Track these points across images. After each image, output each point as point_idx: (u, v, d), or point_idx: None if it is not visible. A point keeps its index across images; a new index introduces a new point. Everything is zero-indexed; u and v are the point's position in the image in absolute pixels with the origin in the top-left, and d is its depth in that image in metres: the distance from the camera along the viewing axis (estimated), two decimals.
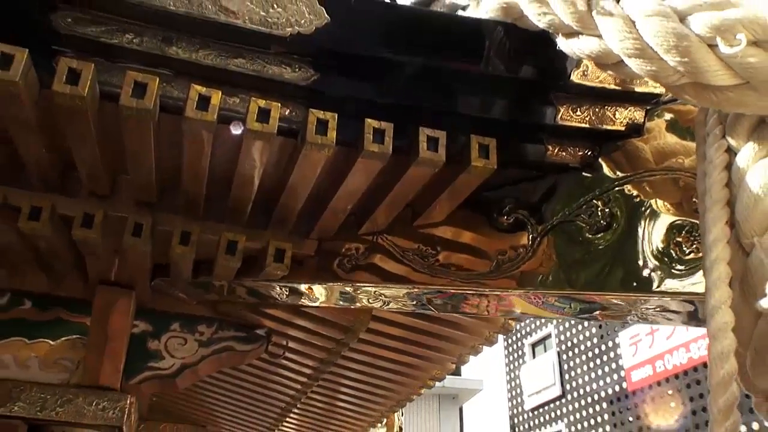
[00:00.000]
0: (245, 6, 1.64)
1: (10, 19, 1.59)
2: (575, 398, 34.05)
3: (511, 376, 38.19)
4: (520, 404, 39.17)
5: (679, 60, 1.36)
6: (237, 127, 1.67)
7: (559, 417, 35.53)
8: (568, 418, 34.66)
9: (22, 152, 1.84)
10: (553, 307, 2.08)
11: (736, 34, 1.33)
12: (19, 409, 2.19)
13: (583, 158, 1.93)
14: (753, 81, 1.33)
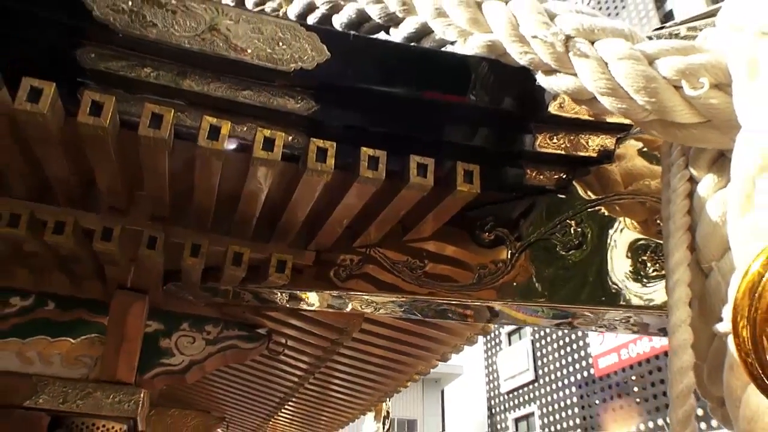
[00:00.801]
0: (253, 44, 1.64)
1: (39, 54, 1.59)
2: (547, 382, 34.11)
3: (489, 361, 38.25)
4: (496, 387, 39.20)
5: (648, 100, 1.36)
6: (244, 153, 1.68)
7: (532, 399, 35.64)
8: (540, 400, 34.77)
9: (48, 173, 1.85)
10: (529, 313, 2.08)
11: (699, 77, 1.33)
12: (44, 402, 2.19)
13: (558, 181, 1.93)
14: (714, 120, 1.33)
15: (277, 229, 2.09)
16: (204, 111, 1.66)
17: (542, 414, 35.10)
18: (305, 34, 1.69)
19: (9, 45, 1.57)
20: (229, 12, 1.66)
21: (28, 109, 1.46)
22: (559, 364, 32.05)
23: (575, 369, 30.80)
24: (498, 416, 39.80)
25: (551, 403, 34.44)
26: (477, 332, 3.23)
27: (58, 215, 2.00)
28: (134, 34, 1.57)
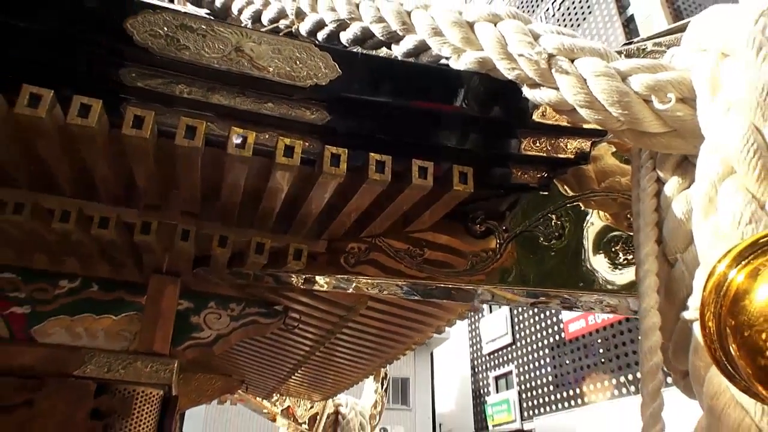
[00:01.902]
0: (274, 63, 1.64)
1: (87, 74, 1.59)
2: (523, 345, 34.18)
3: (472, 327, 38.33)
4: (479, 350, 39.25)
5: (621, 112, 1.37)
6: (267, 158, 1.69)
7: (510, 360, 35.72)
8: (517, 360, 34.86)
9: (95, 175, 1.85)
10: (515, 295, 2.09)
11: (667, 92, 1.34)
12: (91, 371, 2.21)
13: (541, 180, 1.93)
14: (679, 129, 1.33)
15: (294, 222, 2.10)
16: (231, 122, 1.67)
17: (519, 372, 35.21)
18: (319, 54, 1.69)
19: (61, 67, 1.57)
20: (252, 35, 1.66)
21: (79, 123, 1.46)
22: (533, 329, 32.23)
23: (548, 333, 30.93)
24: (480, 375, 39.88)
25: (527, 363, 34.53)
26: (467, 309, 3.24)
27: (103, 212, 2.01)
28: (169, 55, 1.58)
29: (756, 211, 1.07)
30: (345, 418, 6.68)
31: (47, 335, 2.29)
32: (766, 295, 0.79)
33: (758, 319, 0.79)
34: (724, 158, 1.16)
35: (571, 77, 1.46)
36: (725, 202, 1.12)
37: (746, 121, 1.13)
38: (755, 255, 0.86)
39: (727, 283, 0.87)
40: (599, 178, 2.00)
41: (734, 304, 0.84)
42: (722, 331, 0.85)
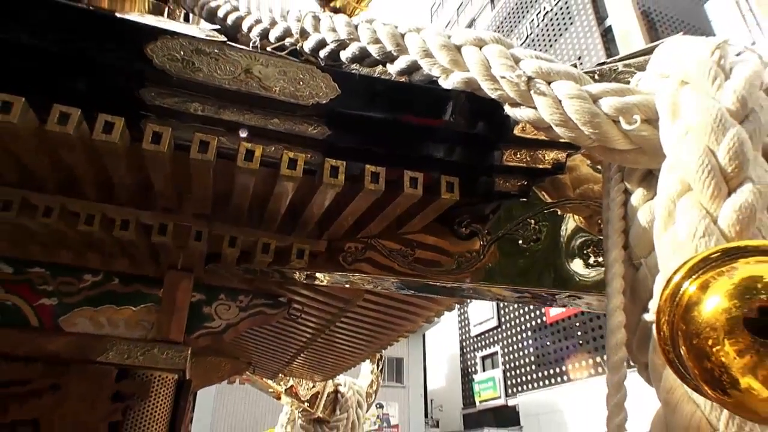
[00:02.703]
0: (279, 83, 1.66)
1: (111, 94, 1.62)
2: (508, 328, 34.24)
3: (461, 311, 38.39)
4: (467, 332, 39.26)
5: (592, 131, 1.39)
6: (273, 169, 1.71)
7: (495, 342, 35.77)
8: (502, 342, 34.89)
9: (115, 182, 1.87)
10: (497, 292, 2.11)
11: (633, 114, 1.36)
12: (112, 357, 2.23)
13: (520, 188, 1.95)
14: (644, 147, 1.35)
15: (297, 224, 2.11)
16: (240, 136, 1.69)
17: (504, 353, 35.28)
18: (320, 75, 1.71)
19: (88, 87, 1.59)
20: (260, 58, 1.68)
21: (104, 139, 1.49)
22: (517, 313, 32.38)
23: (530, 317, 31.07)
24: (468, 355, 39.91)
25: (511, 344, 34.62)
26: (455, 301, 3.26)
27: (124, 214, 2.04)
28: (185, 77, 1.59)
29: (709, 226, 1.09)
30: (344, 396, 6.71)
31: (73, 325, 2.31)
32: (713, 306, 0.82)
33: (705, 328, 0.81)
34: (682, 177, 1.18)
35: (547, 98, 1.48)
36: (682, 217, 1.15)
37: (702, 144, 1.16)
38: (706, 269, 0.88)
39: (681, 293, 0.89)
40: (574, 185, 2.02)
41: (686, 312, 0.86)
42: (675, 335, 0.88)
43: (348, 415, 6.68)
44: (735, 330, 0.78)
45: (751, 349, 0.76)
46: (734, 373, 0.78)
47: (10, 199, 1.90)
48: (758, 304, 0.77)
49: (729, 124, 1.15)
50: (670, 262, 1.14)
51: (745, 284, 0.80)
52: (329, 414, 6.64)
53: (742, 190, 1.09)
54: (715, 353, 0.80)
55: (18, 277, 2.31)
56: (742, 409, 0.79)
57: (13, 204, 1.91)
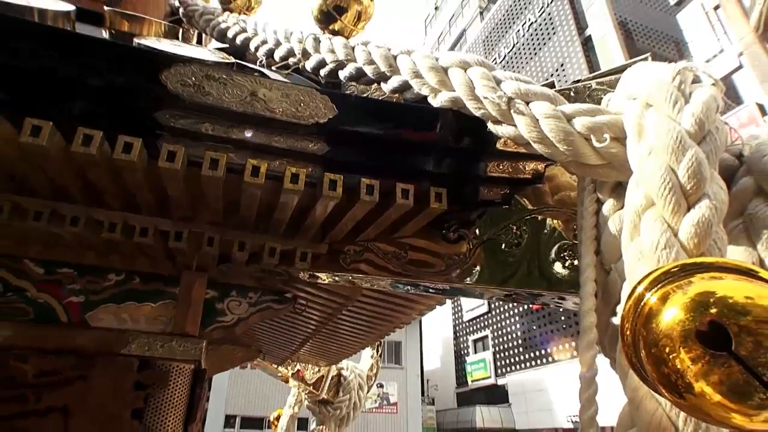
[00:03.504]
0: (282, 105, 1.67)
1: (130, 116, 1.63)
2: (497, 313, 34.30)
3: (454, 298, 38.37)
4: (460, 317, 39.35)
5: (566, 148, 1.40)
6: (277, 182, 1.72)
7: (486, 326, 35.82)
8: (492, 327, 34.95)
9: (136, 194, 1.88)
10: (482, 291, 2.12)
11: (603, 133, 1.37)
12: (134, 349, 2.25)
13: (503, 196, 1.96)
14: (613, 162, 1.37)
15: (301, 229, 2.12)
16: (247, 153, 1.70)
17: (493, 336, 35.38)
18: (320, 97, 1.72)
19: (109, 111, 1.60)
20: (264, 83, 1.69)
21: (123, 158, 1.50)
22: None
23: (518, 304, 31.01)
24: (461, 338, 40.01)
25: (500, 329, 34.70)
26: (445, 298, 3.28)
27: (143, 222, 2.05)
28: (196, 100, 1.60)
29: (670, 239, 1.10)
30: (346, 380, 6.74)
31: (98, 320, 2.32)
32: (670, 317, 0.83)
33: (663, 337, 0.83)
34: (646, 192, 1.19)
35: (526, 117, 1.49)
36: (646, 229, 1.16)
37: (664, 163, 1.17)
38: (666, 282, 0.89)
39: (643, 303, 0.90)
40: (553, 192, 2.03)
41: (647, 321, 0.87)
42: (636, 342, 0.89)
43: (350, 396, 6.71)
44: (688, 340, 0.79)
45: (703, 358, 0.78)
46: (688, 378, 0.79)
47: (41, 210, 1.92)
48: (709, 319, 0.78)
49: (688, 145, 1.16)
50: (635, 271, 1.16)
51: (699, 299, 0.81)
52: (333, 395, 6.67)
53: (699, 205, 1.11)
54: (671, 360, 0.81)
55: (49, 277, 2.32)
56: (696, 411, 0.81)
57: (44, 214, 1.92)
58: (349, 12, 2.74)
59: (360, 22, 2.76)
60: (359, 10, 2.75)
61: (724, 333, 0.77)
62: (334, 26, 2.73)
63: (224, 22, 3.32)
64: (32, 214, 1.92)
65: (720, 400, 0.77)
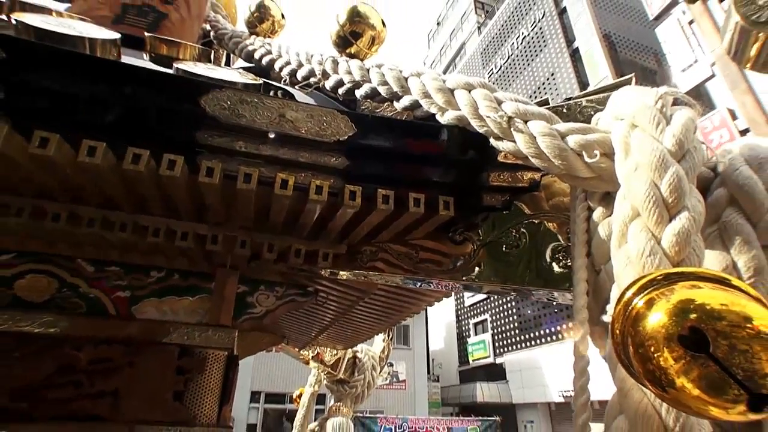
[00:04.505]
0: (307, 125, 1.69)
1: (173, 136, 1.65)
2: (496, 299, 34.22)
3: None
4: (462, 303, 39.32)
5: (561, 162, 1.41)
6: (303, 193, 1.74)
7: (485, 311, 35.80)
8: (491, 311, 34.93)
9: (177, 202, 1.91)
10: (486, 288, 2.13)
11: (593, 149, 1.38)
12: (174, 339, 2.29)
13: (504, 203, 1.97)
14: (603, 176, 1.38)
15: (323, 232, 2.14)
16: (276, 167, 1.73)
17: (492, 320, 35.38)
18: (340, 117, 1.74)
19: (155, 132, 1.63)
20: (291, 105, 1.71)
21: (168, 174, 1.54)
22: None
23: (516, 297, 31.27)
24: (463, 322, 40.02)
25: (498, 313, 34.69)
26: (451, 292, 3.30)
27: (183, 227, 2.08)
28: (231, 122, 1.63)
29: (654, 246, 1.12)
30: (361, 361, 6.77)
31: (143, 313, 2.36)
32: (655, 321, 0.85)
33: (649, 338, 0.85)
34: (632, 204, 1.21)
35: (524, 135, 1.51)
36: (632, 238, 1.18)
37: (648, 179, 1.19)
38: (652, 289, 0.91)
39: (631, 307, 0.92)
40: (548, 198, 2.05)
41: (634, 323, 0.89)
42: (625, 341, 0.91)
43: (365, 376, 6.74)
44: (671, 342, 0.81)
45: (684, 358, 0.80)
46: (671, 375, 0.81)
47: (94, 218, 1.95)
48: (689, 324, 0.80)
49: (669, 163, 1.18)
50: (623, 275, 1.18)
51: (680, 306, 0.83)
52: (349, 376, 6.71)
53: (680, 217, 1.12)
54: (656, 358, 0.83)
55: (98, 275, 2.36)
56: (677, 403, 0.83)
57: (96, 221, 1.96)
58: (364, 37, 2.75)
59: (374, 46, 2.78)
60: (373, 35, 2.76)
61: (702, 336, 0.79)
62: (350, 50, 2.75)
63: (251, 44, 3.35)
64: (86, 221, 1.96)
65: (699, 394, 0.79)
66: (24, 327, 2.05)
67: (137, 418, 2.10)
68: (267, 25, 3.78)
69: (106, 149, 1.50)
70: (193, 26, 3.60)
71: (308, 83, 2.59)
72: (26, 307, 2.15)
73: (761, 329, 0.78)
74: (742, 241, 1.23)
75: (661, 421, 1.02)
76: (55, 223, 1.91)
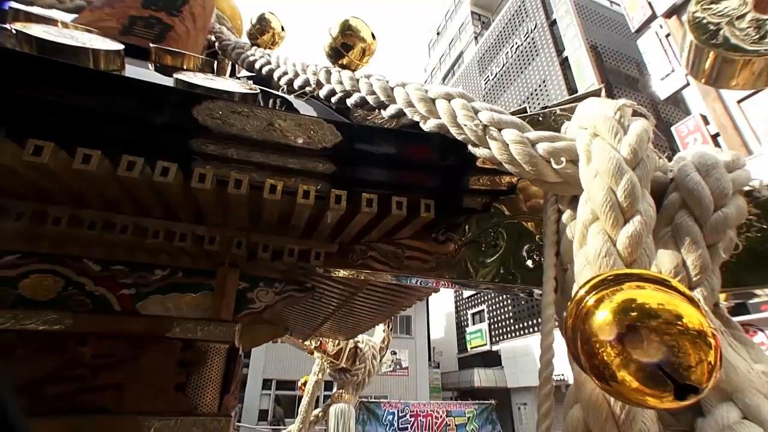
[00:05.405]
0: (295, 133, 1.70)
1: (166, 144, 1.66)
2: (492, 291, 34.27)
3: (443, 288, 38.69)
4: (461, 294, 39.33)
5: (531, 168, 1.42)
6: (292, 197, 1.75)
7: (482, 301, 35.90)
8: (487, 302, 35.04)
9: (175, 206, 1.92)
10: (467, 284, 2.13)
11: (561, 156, 1.39)
12: (178, 333, 2.28)
13: (483, 205, 1.98)
14: (569, 181, 1.39)
15: (315, 232, 2.14)
16: (266, 173, 1.73)
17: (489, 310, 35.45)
18: (326, 126, 1.74)
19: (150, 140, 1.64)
20: (280, 114, 1.72)
21: (161, 180, 1.54)
22: None
23: None
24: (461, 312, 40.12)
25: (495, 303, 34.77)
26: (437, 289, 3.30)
27: (182, 229, 2.09)
28: (222, 131, 1.63)
29: (610, 248, 1.13)
30: (362, 351, 6.80)
31: (147, 309, 2.36)
32: (601, 318, 0.86)
33: (594, 335, 0.86)
34: (592, 208, 1.22)
35: (498, 142, 1.51)
36: (591, 240, 1.18)
37: (606, 185, 1.19)
38: (602, 288, 0.92)
39: (583, 304, 0.93)
40: (526, 200, 2.04)
41: (584, 320, 0.90)
42: (575, 336, 0.92)
43: (365, 365, 6.77)
44: (612, 339, 0.83)
45: (622, 354, 0.81)
46: (613, 369, 0.82)
47: (96, 220, 1.96)
48: (627, 323, 0.82)
49: (625, 170, 1.18)
50: (582, 274, 1.18)
51: (623, 305, 0.84)
52: (351, 364, 6.74)
53: (633, 221, 1.13)
54: (600, 354, 0.84)
55: (104, 273, 2.35)
56: (620, 395, 0.84)
57: (98, 223, 1.96)
58: (355, 49, 2.76)
59: (365, 57, 2.78)
60: (363, 47, 2.77)
61: (639, 333, 0.81)
62: (342, 61, 2.76)
63: (252, 55, 3.36)
64: (87, 224, 1.96)
65: (638, 386, 0.81)
66: (28, 325, 2.06)
67: (140, 409, 2.10)
68: (268, 36, 3.80)
69: (102, 157, 1.51)
70: (198, 37, 3.61)
71: (304, 92, 2.60)
72: (31, 305, 2.15)
73: (689, 326, 0.81)
74: (691, 242, 1.24)
75: (610, 410, 1.05)
76: (56, 227, 1.92)
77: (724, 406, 1.10)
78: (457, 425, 28.24)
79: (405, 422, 27.05)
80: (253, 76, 3.54)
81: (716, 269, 1.26)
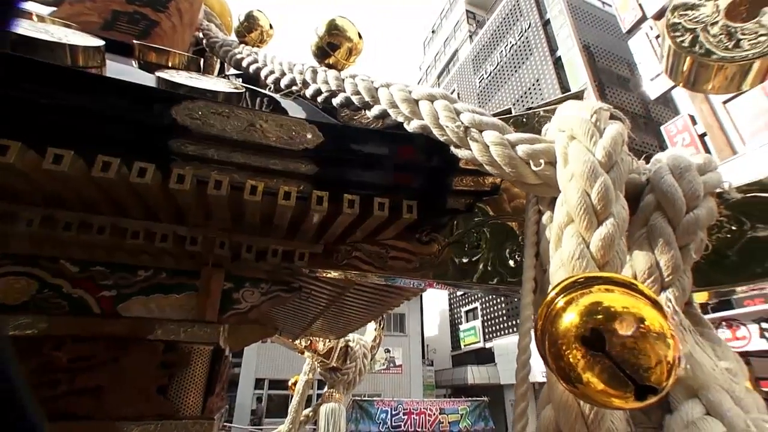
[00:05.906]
0: (276, 133, 1.71)
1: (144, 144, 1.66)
2: None
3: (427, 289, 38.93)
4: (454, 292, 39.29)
5: (510, 170, 1.43)
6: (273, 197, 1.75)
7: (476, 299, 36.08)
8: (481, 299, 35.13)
9: (155, 208, 1.92)
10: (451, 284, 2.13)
11: (539, 158, 1.40)
12: (160, 335, 2.27)
13: (467, 205, 1.99)
14: (548, 182, 1.40)
15: (299, 232, 2.14)
16: (247, 174, 1.74)
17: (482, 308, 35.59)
18: (308, 126, 1.75)
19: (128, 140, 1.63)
20: (261, 115, 1.72)
21: (138, 181, 1.54)
22: None
23: None
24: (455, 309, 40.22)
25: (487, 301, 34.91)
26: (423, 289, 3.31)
27: (163, 229, 2.09)
28: (202, 131, 1.64)
29: (583, 250, 1.14)
30: (352, 350, 6.81)
31: (129, 310, 2.34)
32: (568, 320, 0.87)
33: (560, 337, 0.87)
34: (568, 211, 1.23)
35: (479, 144, 1.52)
36: (566, 241, 1.20)
37: (581, 188, 1.20)
38: (573, 290, 0.93)
39: (553, 305, 0.94)
40: (509, 200, 2.05)
41: (553, 321, 0.91)
42: (544, 338, 0.93)
43: (356, 364, 6.78)
44: (577, 342, 0.84)
45: (586, 356, 0.83)
46: (578, 371, 0.84)
47: (71, 221, 1.95)
48: (590, 325, 0.83)
49: (599, 173, 1.19)
50: (556, 275, 1.20)
51: (590, 307, 0.86)
52: (341, 363, 6.75)
53: (606, 223, 1.15)
54: (566, 356, 0.86)
55: (83, 275, 2.31)
56: (585, 397, 0.86)
57: (73, 225, 1.95)
58: (342, 48, 2.76)
59: (351, 57, 2.79)
60: (350, 46, 2.77)
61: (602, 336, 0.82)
62: (328, 60, 2.76)
63: (240, 53, 3.36)
64: (62, 224, 1.95)
65: (603, 388, 0.83)
66: None
67: (120, 414, 2.07)
68: (256, 34, 3.79)
69: (76, 157, 1.51)
70: (185, 34, 3.59)
71: (291, 91, 2.60)
72: (1, 309, 2.09)
73: (650, 329, 0.83)
74: (664, 243, 1.26)
75: (580, 410, 1.08)
76: (29, 228, 1.90)
77: (689, 402, 1.13)
78: (450, 422, 28.41)
79: (398, 420, 27.18)
80: (240, 74, 3.53)
81: (688, 270, 1.28)
